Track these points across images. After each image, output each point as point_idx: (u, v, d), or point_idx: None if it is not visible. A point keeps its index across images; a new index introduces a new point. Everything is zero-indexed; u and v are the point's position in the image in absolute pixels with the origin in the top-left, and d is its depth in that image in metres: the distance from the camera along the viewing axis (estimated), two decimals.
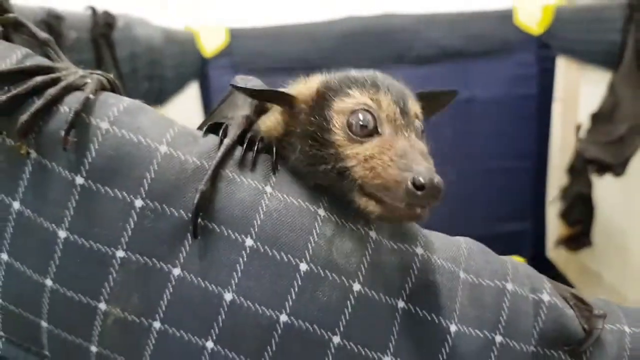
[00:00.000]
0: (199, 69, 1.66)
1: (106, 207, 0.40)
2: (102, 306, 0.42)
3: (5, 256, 0.42)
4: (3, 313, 0.43)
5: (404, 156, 0.39)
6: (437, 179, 0.37)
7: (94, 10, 0.94)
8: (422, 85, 1.64)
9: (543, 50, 1.76)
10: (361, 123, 0.42)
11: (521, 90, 1.80)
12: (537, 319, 0.45)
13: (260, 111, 0.47)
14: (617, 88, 1.39)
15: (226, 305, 0.41)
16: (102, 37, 0.95)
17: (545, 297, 0.46)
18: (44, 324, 0.43)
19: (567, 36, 1.65)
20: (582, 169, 1.58)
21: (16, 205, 0.41)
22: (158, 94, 1.25)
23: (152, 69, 1.21)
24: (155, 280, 0.41)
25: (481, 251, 0.48)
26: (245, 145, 0.43)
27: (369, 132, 0.42)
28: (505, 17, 1.76)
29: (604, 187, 1.59)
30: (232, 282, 0.41)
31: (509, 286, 0.45)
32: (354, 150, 0.42)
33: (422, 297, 0.43)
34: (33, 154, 0.40)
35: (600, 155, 1.42)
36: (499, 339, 0.43)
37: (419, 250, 0.44)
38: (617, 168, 1.39)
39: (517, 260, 0.50)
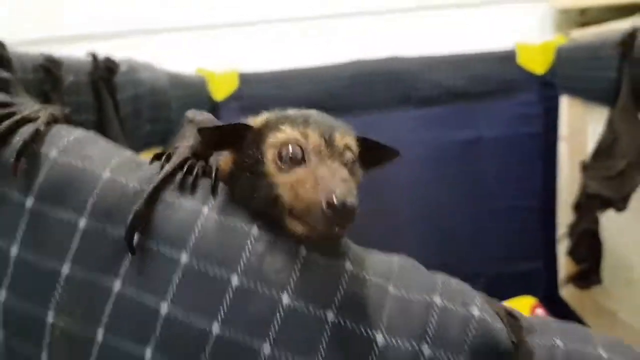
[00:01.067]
0: (209, 112, 1.72)
1: (54, 227, 0.45)
2: (50, 319, 0.45)
3: None
4: None
5: (323, 182, 0.43)
6: (349, 199, 0.41)
7: (94, 56, 1.01)
8: (427, 126, 1.67)
9: (546, 90, 1.77)
10: (290, 155, 0.46)
11: (526, 130, 1.81)
12: (467, 332, 0.46)
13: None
14: (615, 124, 1.39)
15: (162, 318, 0.44)
16: (102, 81, 1.01)
17: (476, 312, 0.47)
18: (0, 333, 0.47)
19: (568, 74, 1.67)
20: (588, 205, 1.57)
21: None
22: (163, 135, 1.31)
23: (157, 111, 1.27)
24: (98, 294, 0.45)
25: (413, 268, 0.50)
26: (185, 170, 0.47)
27: (297, 162, 0.46)
28: (508, 57, 1.79)
29: (611, 223, 1.57)
30: (168, 296, 0.44)
31: (437, 300, 0.47)
32: (283, 179, 0.46)
33: (351, 310, 0.45)
34: None
35: (602, 190, 1.41)
36: (427, 350, 0.45)
37: (348, 265, 0.47)
38: (619, 203, 1.38)
39: (527, 299, 0.52)
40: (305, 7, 1.90)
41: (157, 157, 0.49)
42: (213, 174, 0.48)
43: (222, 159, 0.52)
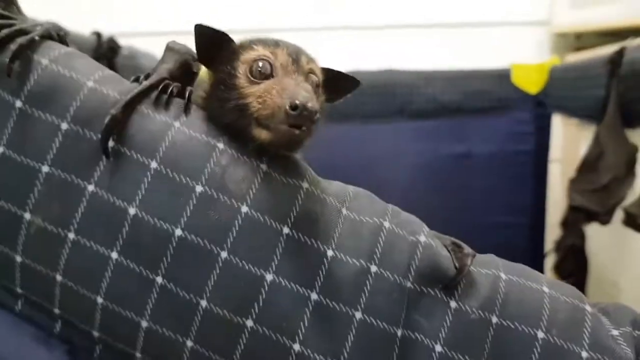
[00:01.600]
0: None
1: (38, 128, 0.48)
2: (27, 216, 0.48)
3: None
4: None
5: (287, 89, 0.48)
6: (311, 103, 0.45)
7: (99, 34, 1.06)
8: (420, 139, 1.70)
9: (539, 108, 1.82)
10: (259, 69, 0.51)
11: (518, 147, 1.85)
12: (414, 256, 0.49)
13: (184, 70, 0.55)
14: (601, 139, 1.43)
15: (129, 219, 0.47)
16: (104, 59, 1.07)
17: (422, 238, 0.50)
18: None
19: (560, 94, 1.71)
20: (574, 221, 1.60)
21: None
22: None
23: None
24: (73, 194, 0.48)
25: (367, 196, 0.53)
26: (160, 89, 0.51)
27: (265, 76, 0.51)
28: (503, 76, 1.83)
29: (596, 239, 1.59)
30: (137, 198, 0.47)
31: (386, 224, 0.50)
32: (252, 90, 0.50)
33: (305, 225, 0.48)
34: None
35: (586, 203, 1.44)
36: (374, 268, 0.48)
37: (305, 185, 0.50)
38: (604, 216, 1.40)
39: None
40: (302, 18, 1.95)
41: (137, 79, 0.53)
42: (186, 95, 0.51)
43: (198, 88, 0.56)
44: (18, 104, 0.48)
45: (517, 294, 0.50)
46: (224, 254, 0.47)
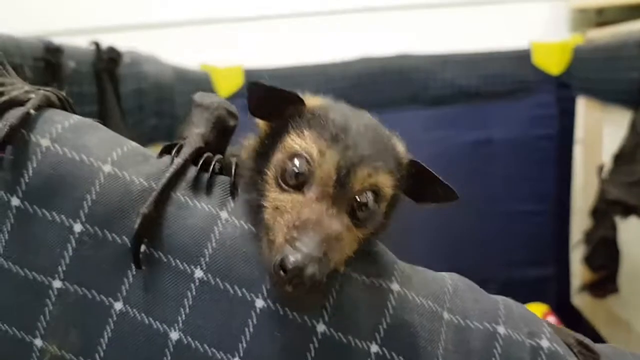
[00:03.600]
0: None
1: (43, 232, 0.37)
2: (38, 342, 0.37)
3: None
4: None
5: (299, 229, 0.35)
6: (308, 270, 0.32)
7: (97, 45, 0.94)
8: (437, 126, 1.60)
9: (563, 91, 1.71)
10: (293, 172, 0.38)
11: (541, 131, 1.75)
12: None
13: (220, 130, 0.43)
14: (639, 127, 1.33)
15: (172, 346, 0.36)
16: (105, 72, 0.94)
17: (545, 343, 0.39)
18: None
19: (587, 76, 1.60)
20: (605, 211, 1.51)
21: None
22: (168, 130, 1.24)
23: (161, 105, 1.20)
24: (95, 315, 0.37)
25: (469, 289, 0.42)
26: (199, 166, 0.39)
27: (298, 184, 0.37)
28: (523, 57, 1.72)
29: (629, 231, 1.51)
30: (179, 319, 0.36)
31: (501, 329, 0.39)
32: (274, 195, 0.38)
33: (399, 341, 0.37)
34: None
35: (624, 196, 1.35)
36: None
37: (395, 287, 0.39)
38: None
39: (538, 306, 0.44)
40: (313, 2, 1.82)
41: (166, 150, 0.41)
42: (232, 170, 0.40)
43: (243, 149, 0.43)
44: (15, 201, 0.37)
45: None
46: None
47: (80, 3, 1.69)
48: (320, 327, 0.37)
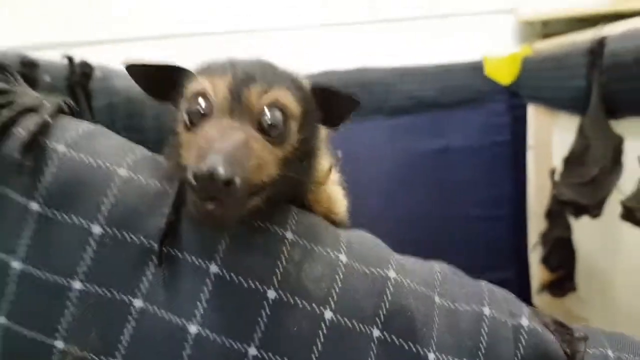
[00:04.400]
0: None
1: (63, 235, 0.39)
2: (59, 344, 0.39)
3: None
4: None
5: (202, 145, 0.37)
6: (222, 167, 0.33)
7: (70, 59, 0.95)
8: (398, 136, 1.65)
9: (513, 99, 1.80)
10: (196, 108, 0.40)
11: (495, 138, 1.83)
12: (518, 344, 0.43)
13: None
14: (586, 131, 1.41)
15: (191, 339, 0.39)
16: (78, 86, 0.95)
17: (525, 322, 0.44)
18: None
19: (535, 84, 1.70)
20: (559, 213, 1.59)
21: None
22: (140, 144, 1.25)
23: (132, 120, 1.20)
24: (116, 314, 0.39)
25: (455, 275, 0.46)
26: None
27: (202, 117, 0.40)
28: (476, 68, 1.81)
29: (582, 230, 1.59)
30: (197, 312, 0.39)
31: (486, 310, 0.43)
32: (186, 138, 0.40)
33: (398, 324, 0.41)
34: None
35: (576, 197, 1.43)
36: None
37: (392, 274, 0.43)
38: (593, 209, 1.39)
39: None
40: (276, 19, 1.86)
41: None
42: None
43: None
44: (34, 206, 0.39)
45: None
46: None
47: (54, 17, 1.67)
48: (328, 314, 0.40)
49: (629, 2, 1.40)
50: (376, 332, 0.41)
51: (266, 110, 0.41)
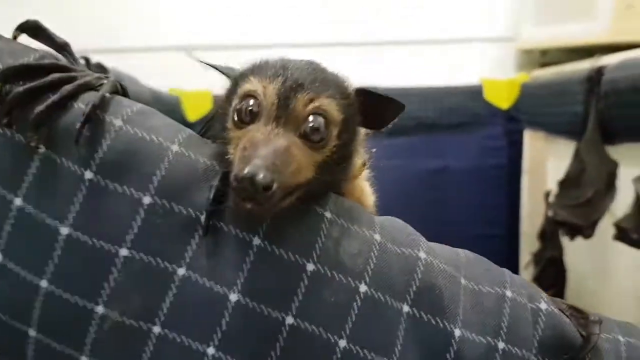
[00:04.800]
0: None
1: (114, 204, 0.40)
2: (100, 309, 0.40)
3: None
4: None
5: (248, 149, 0.40)
6: (262, 174, 0.37)
7: (87, 60, 0.97)
8: (397, 155, 1.68)
9: (511, 124, 1.85)
10: (247, 109, 0.43)
11: (491, 161, 1.88)
12: (536, 326, 0.45)
13: None
14: (583, 155, 1.46)
15: (231, 307, 0.40)
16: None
17: (543, 306, 0.46)
18: (33, 332, 0.41)
19: (533, 110, 1.75)
20: (552, 233, 1.63)
21: (18, 201, 0.40)
22: None
23: None
24: (159, 281, 0.41)
25: (479, 260, 0.49)
26: None
27: (252, 118, 0.43)
28: (475, 92, 1.86)
29: (574, 251, 1.63)
30: (238, 281, 0.41)
31: (508, 293, 0.46)
32: (235, 134, 0.43)
33: (427, 301, 0.43)
34: (42, 149, 0.41)
35: (570, 218, 1.46)
36: (501, 345, 0.44)
37: (422, 255, 0.45)
38: (587, 230, 1.43)
39: None
40: (277, 35, 1.91)
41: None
42: None
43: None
44: (88, 175, 0.40)
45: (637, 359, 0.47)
46: (342, 343, 0.41)
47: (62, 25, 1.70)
48: (363, 288, 0.42)
49: (626, 34, 1.46)
50: (406, 308, 0.43)
51: (310, 117, 0.43)
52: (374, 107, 0.48)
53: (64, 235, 0.40)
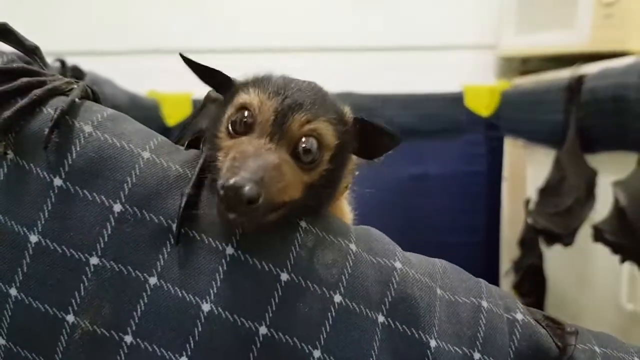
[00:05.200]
0: None
1: (83, 211, 0.40)
2: (70, 318, 0.39)
3: None
4: None
5: (238, 159, 0.40)
6: (248, 187, 0.37)
7: (62, 62, 0.95)
8: (376, 161, 1.67)
9: (491, 131, 1.86)
10: (241, 120, 0.43)
11: (471, 168, 1.89)
12: (512, 337, 0.45)
13: None
14: (562, 163, 1.47)
15: (203, 316, 0.40)
16: None
17: (519, 316, 0.46)
18: (2, 340, 0.40)
19: (513, 117, 1.76)
20: (532, 241, 1.64)
21: None
22: None
23: None
24: (130, 290, 0.40)
25: (455, 270, 0.49)
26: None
27: (245, 131, 0.43)
28: (456, 99, 1.87)
29: (554, 259, 1.64)
30: (211, 291, 0.40)
31: (484, 303, 0.46)
32: (225, 144, 0.43)
33: (402, 312, 0.43)
34: (10, 155, 0.40)
35: (550, 225, 1.47)
36: (477, 355, 0.43)
37: (398, 265, 0.45)
38: (566, 238, 1.44)
39: None
40: (259, 40, 1.90)
41: (191, 144, 0.45)
42: None
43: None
44: (57, 181, 0.40)
45: None
46: (317, 354, 0.40)
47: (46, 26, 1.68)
48: (337, 298, 0.41)
49: (605, 43, 1.48)
50: (381, 318, 0.42)
51: (304, 138, 0.43)
52: (370, 137, 0.48)
53: (32, 243, 0.39)
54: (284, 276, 0.41)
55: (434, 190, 1.89)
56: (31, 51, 0.43)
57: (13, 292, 0.39)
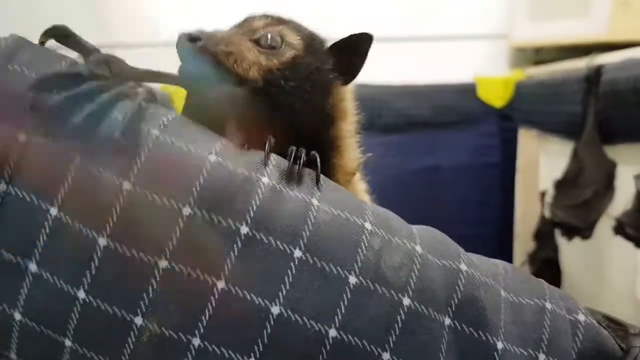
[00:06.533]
0: None
1: (152, 214, 0.39)
2: (138, 320, 0.39)
3: (33, 266, 0.39)
4: (21, 332, 0.40)
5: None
6: (203, 37, 0.45)
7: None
8: (389, 153, 1.67)
9: (505, 122, 1.86)
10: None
11: (485, 160, 1.88)
12: (575, 338, 0.45)
13: None
14: (581, 155, 1.46)
15: (273, 319, 0.39)
16: None
17: (581, 317, 0.46)
18: (68, 342, 0.40)
19: (528, 108, 1.75)
20: (548, 234, 1.64)
21: (53, 211, 0.39)
22: None
23: None
24: (198, 292, 0.39)
25: (516, 270, 0.48)
26: (291, 159, 0.43)
27: None
28: (469, 90, 1.86)
29: (569, 252, 1.64)
30: (280, 294, 0.40)
31: (548, 305, 0.45)
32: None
33: (468, 314, 0.43)
34: (78, 161, 0.39)
35: (568, 218, 1.47)
36: (542, 357, 0.43)
37: (463, 267, 0.44)
38: (585, 231, 1.44)
39: None
40: None
41: None
42: (317, 164, 0.44)
43: None
44: (127, 185, 0.39)
45: None
46: (386, 356, 0.40)
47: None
48: (406, 301, 0.41)
49: (622, 32, 1.46)
50: (447, 321, 0.42)
51: (266, 33, 0.49)
52: (348, 53, 0.53)
53: (101, 246, 0.39)
54: (352, 279, 0.40)
55: (446, 182, 1.88)
56: (91, 54, 0.42)
57: (81, 294, 0.39)
